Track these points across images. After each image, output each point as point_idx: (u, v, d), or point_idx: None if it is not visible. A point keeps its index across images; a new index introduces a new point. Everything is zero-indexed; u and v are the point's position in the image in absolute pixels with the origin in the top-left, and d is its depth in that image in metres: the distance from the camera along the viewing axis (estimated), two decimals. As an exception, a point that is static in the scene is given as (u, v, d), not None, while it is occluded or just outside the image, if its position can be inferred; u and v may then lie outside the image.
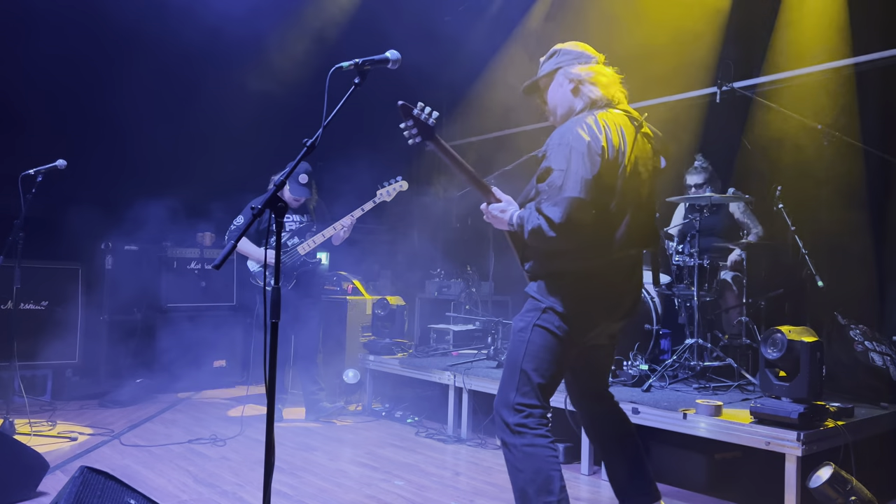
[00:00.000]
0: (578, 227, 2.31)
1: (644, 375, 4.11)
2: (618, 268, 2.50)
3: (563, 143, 2.39)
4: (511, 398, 2.45)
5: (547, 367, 2.45)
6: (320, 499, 3.40)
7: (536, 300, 2.49)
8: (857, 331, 4.05)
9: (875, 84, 4.73)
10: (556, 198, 2.31)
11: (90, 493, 2.37)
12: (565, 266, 2.44)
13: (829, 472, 2.91)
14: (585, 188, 2.30)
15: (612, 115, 2.51)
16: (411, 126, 2.45)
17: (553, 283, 2.47)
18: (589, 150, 2.34)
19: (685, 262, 4.36)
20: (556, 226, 2.29)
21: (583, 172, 2.31)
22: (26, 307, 5.35)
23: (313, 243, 4.92)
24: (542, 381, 2.45)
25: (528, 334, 2.46)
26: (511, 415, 2.43)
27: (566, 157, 2.35)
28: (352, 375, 5.45)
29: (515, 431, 2.42)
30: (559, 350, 2.46)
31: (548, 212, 2.31)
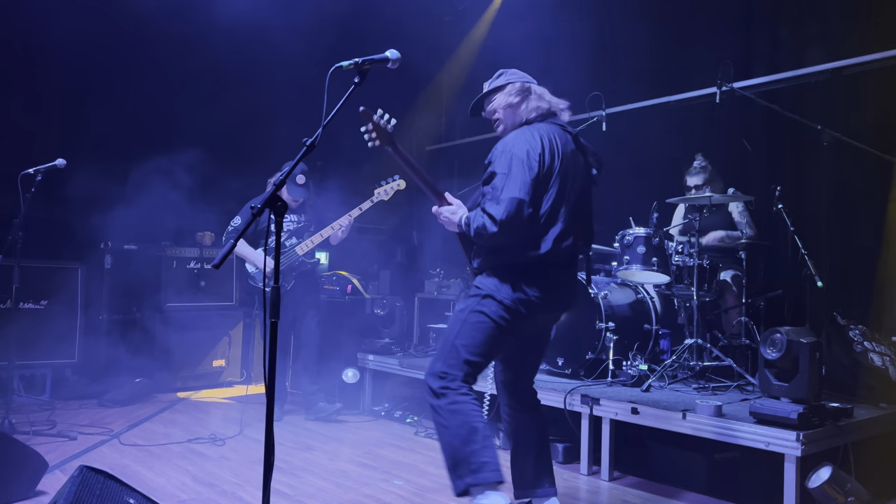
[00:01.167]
0: (517, 224, 2.60)
1: (643, 375, 4.11)
2: (553, 262, 2.76)
3: (505, 150, 2.70)
4: (438, 367, 2.72)
5: (476, 347, 2.71)
6: (319, 498, 3.40)
7: (478, 288, 2.78)
8: (856, 331, 4.05)
9: (875, 84, 4.72)
10: (499, 197, 2.61)
11: (89, 492, 2.36)
12: (505, 260, 2.73)
13: (828, 472, 2.91)
14: (524, 189, 2.62)
15: (550, 127, 2.84)
16: (371, 130, 2.77)
17: (494, 274, 2.75)
18: (528, 156, 2.67)
19: (685, 262, 4.36)
20: (498, 222, 2.59)
21: (522, 176, 2.63)
22: (25, 306, 5.35)
23: (311, 243, 4.91)
24: (470, 357, 2.71)
25: (465, 315, 2.75)
26: (435, 380, 2.70)
27: (508, 163, 2.66)
28: (351, 375, 5.45)
29: (439, 394, 2.68)
30: (492, 334, 2.72)
31: (491, 210, 2.61)
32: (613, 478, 3.81)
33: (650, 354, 4.46)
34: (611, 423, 3.80)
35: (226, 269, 6.34)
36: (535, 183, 2.65)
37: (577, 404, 3.93)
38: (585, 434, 3.91)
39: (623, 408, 3.71)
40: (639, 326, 4.51)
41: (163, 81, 6.11)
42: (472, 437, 2.61)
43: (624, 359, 4.29)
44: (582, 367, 4.43)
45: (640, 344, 4.45)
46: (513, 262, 2.73)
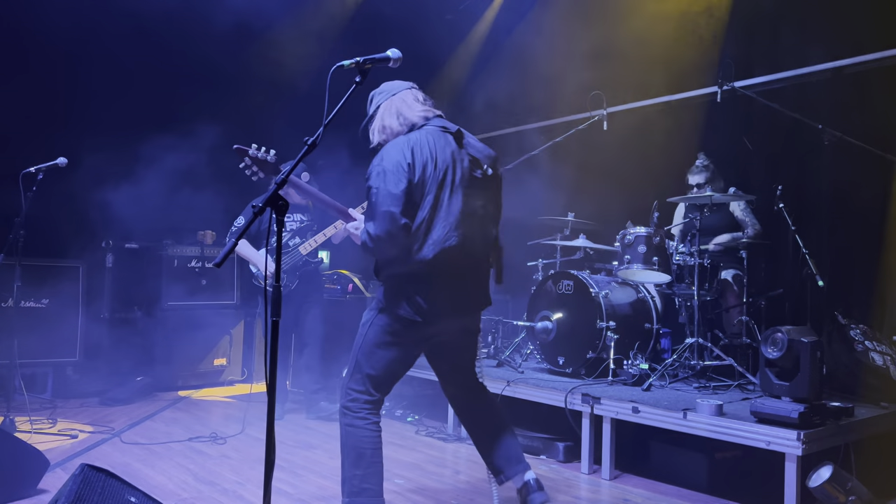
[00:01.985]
0: (392, 236, 2.62)
1: (644, 374, 4.11)
2: (440, 268, 2.72)
3: (377, 164, 2.70)
4: (345, 381, 2.86)
5: (377, 361, 2.80)
6: (321, 497, 3.41)
7: (378, 300, 2.83)
8: (857, 330, 4.06)
9: (876, 84, 4.72)
10: (373, 213, 2.65)
11: (90, 490, 2.37)
12: (393, 271, 2.76)
13: (829, 471, 2.91)
14: (393, 201, 2.62)
15: (424, 133, 2.79)
16: (250, 164, 2.85)
17: (387, 286, 2.79)
18: (397, 168, 2.65)
19: (686, 261, 4.36)
20: (374, 238, 2.63)
21: (391, 188, 2.63)
22: (27, 305, 5.35)
23: (315, 243, 4.91)
24: (373, 372, 2.81)
25: (366, 329, 2.83)
26: (343, 396, 2.85)
27: (379, 177, 2.66)
28: (352, 374, 5.45)
29: (342, 411, 2.84)
30: (392, 348, 2.80)
31: (368, 227, 2.66)
32: (614, 477, 3.81)
33: (651, 353, 4.46)
34: (612, 422, 3.80)
35: (227, 267, 6.34)
36: (406, 193, 2.64)
37: (578, 403, 3.93)
38: (586, 433, 3.91)
39: (624, 407, 3.71)
40: (640, 326, 4.51)
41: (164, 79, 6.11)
42: (359, 461, 2.77)
43: (625, 358, 4.30)
44: (583, 366, 4.43)
45: (641, 343, 4.45)
46: (399, 272, 2.74)
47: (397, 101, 2.89)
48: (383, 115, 2.89)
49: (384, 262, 2.78)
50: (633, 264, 4.36)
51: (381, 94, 2.94)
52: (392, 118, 2.87)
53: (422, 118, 2.86)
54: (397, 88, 2.94)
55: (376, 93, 2.96)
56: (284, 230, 4.84)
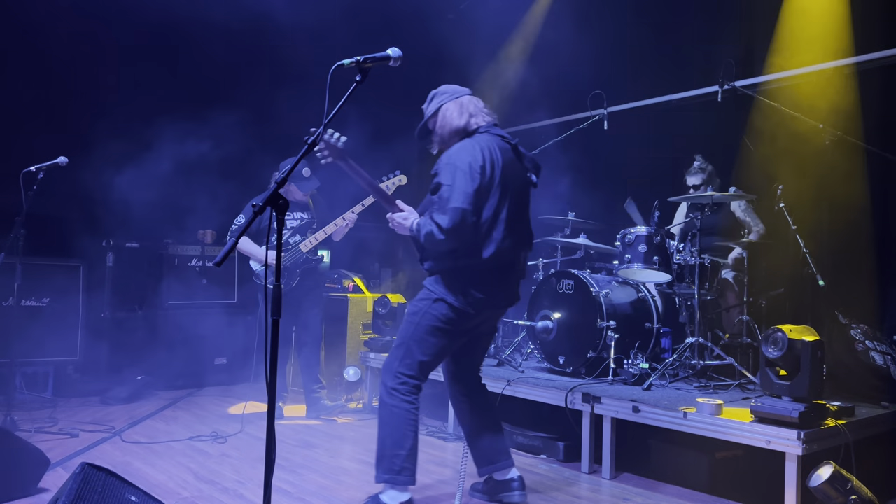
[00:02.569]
0: (461, 231, 2.84)
1: (644, 374, 4.11)
2: (496, 264, 3.00)
3: (449, 163, 2.92)
4: (395, 366, 3.01)
5: (429, 348, 3.00)
6: (321, 496, 3.41)
7: (430, 291, 3.02)
8: (857, 330, 4.05)
9: (877, 83, 4.72)
10: (445, 207, 2.84)
11: (91, 489, 2.37)
12: (453, 264, 2.97)
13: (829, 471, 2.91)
14: (467, 199, 2.84)
15: (489, 138, 3.05)
16: (322, 149, 3.04)
17: (444, 278, 3.00)
18: (470, 168, 2.89)
19: (686, 260, 4.36)
20: (444, 230, 2.82)
21: (465, 187, 2.85)
22: (28, 304, 5.35)
23: (315, 240, 4.92)
24: (424, 358, 3.01)
25: (418, 318, 3.01)
26: (390, 379, 2.99)
27: (452, 175, 2.88)
28: (353, 373, 5.46)
29: (390, 393, 2.98)
30: (443, 336, 3.01)
31: (437, 219, 2.84)
32: (614, 476, 3.81)
33: (651, 353, 4.46)
34: (612, 422, 3.80)
35: (227, 267, 6.35)
36: (477, 193, 2.88)
37: (579, 403, 3.93)
38: (587, 432, 3.91)
39: (624, 406, 3.71)
40: (640, 325, 4.51)
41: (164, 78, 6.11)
42: (403, 441, 2.94)
43: (625, 357, 4.29)
44: (583, 366, 4.43)
45: (642, 342, 4.45)
46: (460, 265, 2.96)
47: (464, 103, 3.12)
48: (447, 115, 3.10)
49: (442, 254, 2.96)
50: (633, 264, 4.36)
51: (444, 95, 3.14)
52: (458, 119, 3.09)
53: (484, 123, 3.11)
54: (460, 91, 3.16)
55: (438, 93, 3.17)
56: (285, 228, 4.85)
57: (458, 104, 3.12)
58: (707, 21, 5.60)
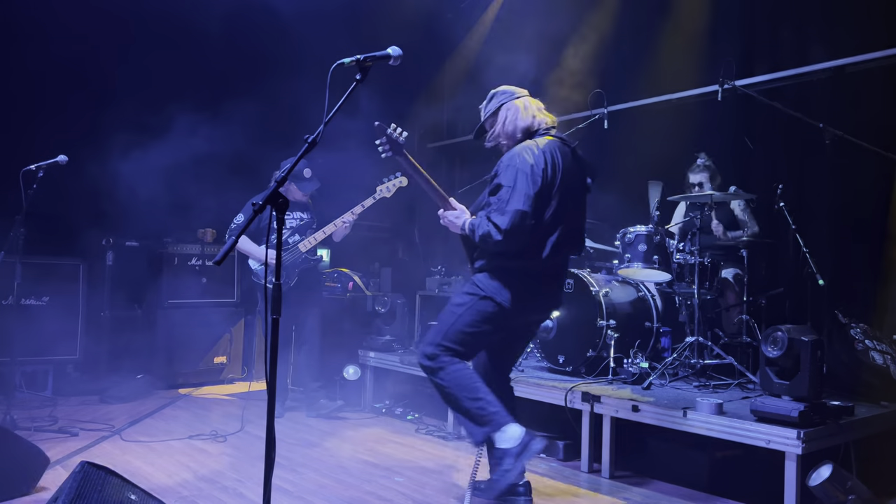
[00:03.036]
0: (519, 234, 2.86)
1: (644, 373, 4.11)
2: (549, 269, 3.06)
3: (511, 165, 2.94)
4: (429, 349, 3.02)
5: (468, 340, 3.02)
6: (320, 495, 3.41)
7: (479, 287, 3.03)
8: (857, 329, 4.05)
9: (878, 82, 4.72)
10: (504, 209, 2.86)
11: (91, 488, 2.37)
12: (506, 264, 2.99)
13: (828, 470, 2.91)
14: (527, 202, 2.86)
15: (550, 141, 3.06)
16: (384, 143, 3.07)
17: (496, 277, 3.01)
18: (532, 171, 2.90)
19: (686, 260, 4.35)
20: (503, 231, 2.84)
21: (526, 189, 2.87)
22: (27, 302, 5.35)
23: (314, 240, 4.92)
24: (459, 347, 3.02)
25: (463, 309, 3.02)
26: (427, 359, 3.01)
27: (513, 177, 2.89)
28: (352, 372, 5.46)
29: (435, 368, 2.98)
30: (484, 332, 3.03)
31: (496, 220, 2.86)
32: (614, 475, 3.81)
33: (651, 352, 4.46)
34: (611, 421, 3.80)
35: (227, 266, 6.34)
36: (537, 196, 2.89)
37: (578, 402, 3.93)
38: (586, 432, 3.91)
39: (624, 405, 3.71)
40: (640, 324, 4.51)
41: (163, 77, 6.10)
42: (475, 393, 2.93)
43: (625, 356, 4.29)
44: (583, 365, 4.43)
45: (641, 342, 4.44)
46: (513, 266, 2.99)
47: (526, 104, 3.14)
48: (509, 115, 3.12)
49: (498, 254, 2.98)
50: (633, 263, 4.36)
51: (504, 94, 3.16)
52: (520, 119, 3.11)
53: (544, 125, 3.13)
54: (519, 92, 3.19)
55: (497, 92, 3.19)
56: (284, 227, 4.84)
57: (521, 104, 3.13)
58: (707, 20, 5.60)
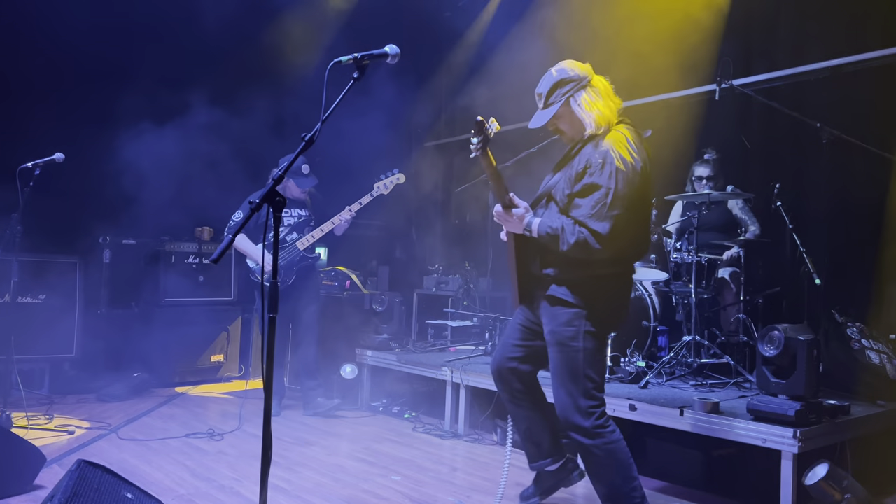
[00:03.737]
0: (621, 240, 2.60)
1: (641, 372, 4.11)
2: (632, 272, 2.89)
3: (608, 161, 2.61)
4: (582, 404, 2.70)
5: (601, 366, 2.78)
6: (317, 493, 3.41)
7: (572, 304, 2.71)
8: (854, 329, 4.06)
9: (875, 82, 4.72)
10: (604, 213, 2.58)
11: (87, 486, 2.37)
12: (601, 270, 2.69)
13: (825, 469, 2.92)
14: (628, 205, 2.59)
15: (635, 133, 2.75)
16: (480, 141, 2.71)
17: (589, 285, 2.71)
18: (633, 170, 2.62)
19: (683, 259, 4.36)
20: (603, 238, 2.57)
21: (627, 190, 2.59)
22: (24, 300, 5.34)
23: (312, 238, 4.91)
24: (600, 380, 2.75)
25: (581, 343, 2.70)
26: (585, 419, 2.69)
27: (612, 176, 2.59)
28: (349, 371, 5.45)
29: (594, 434, 2.69)
30: (603, 347, 2.81)
31: (595, 226, 2.58)
32: (611, 474, 3.81)
33: (648, 351, 4.46)
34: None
35: (224, 264, 6.34)
36: (638, 197, 2.63)
37: (575, 401, 3.92)
38: (583, 430, 3.91)
39: (621, 404, 3.72)
40: (637, 323, 4.51)
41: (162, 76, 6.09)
42: (630, 473, 2.70)
43: (622, 355, 4.30)
44: (580, 364, 4.42)
45: (638, 341, 4.45)
46: (605, 273, 2.71)
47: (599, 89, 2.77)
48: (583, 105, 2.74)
49: (586, 262, 2.67)
50: (630, 262, 4.36)
51: (572, 84, 2.76)
52: (601, 109, 2.74)
53: (620, 112, 2.81)
54: (585, 75, 2.78)
55: (564, 78, 2.77)
56: (282, 225, 4.84)
57: (593, 90, 2.76)
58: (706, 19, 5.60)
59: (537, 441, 3.12)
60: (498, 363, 3.10)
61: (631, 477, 2.69)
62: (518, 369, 3.06)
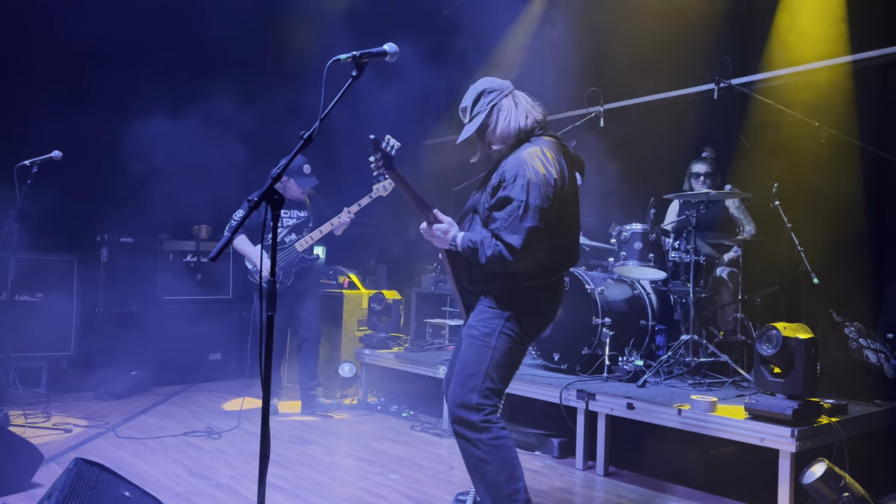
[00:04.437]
0: (534, 251, 2.57)
1: (639, 371, 4.11)
2: (559, 281, 2.84)
3: (520, 174, 2.60)
4: (473, 399, 2.64)
5: (507, 370, 2.72)
6: (315, 492, 3.41)
7: (497, 309, 2.71)
8: (851, 328, 4.07)
9: (873, 81, 4.73)
10: (516, 226, 2.56)
11: (84, 484, 2.36)
12: (523, 282, 2.69)
13: (822, 468, 2.92)
14: (541, 217, 2.56)
15: (549, 143, 2.75)
16: (378, 158, 2.74)
17: (510, 297, 2.70)
18: (545, 182, 2.59)
19: (681, 258, 4.36)
20: (517, 251, 2.54)
21: (540, 203, 2.56)
22: (21, 298, 5.33)
23: (311, 240, 4.90)
24: (502, 384, 2.72)
25: (493, 340, 2.68)
26: (474, 413, 2.63)
27: (524, 189, 2.57)
28: (347, 369, 5.46)
29: (482, 428, 2.62)
30: (518, 353, 2.75)
31: (508, 239, 2.56)
32: (609, 473, 3.82)
33: (646, 350, 4.46)
34: (606, 419, 3.81)
35: (222, 262, 6.34)
36: (550, 208, 2.59)
37: (573, 399, 3.93)
38: (581, 429, 3.92)
39: (619, 403, 3.72)
40: (635, 322, 4.51)
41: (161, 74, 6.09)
42: (514, 473, 2.61)
43: (620, 354, 4.30)
44: (578, 363, 4.44)
45: (637, 340, 4.45)
46: (530, 285, 2.70)
47: (519, 100, 2.79)
48: (502, 115, 2.75)
49: (507, 274, 2.65)
50: (628, 261, 4.37)
51: (494, 93, 2.77)
52: (520, 119, 2.75)
53: (539, 124, 2.80)
54: (508, 87, 2.81)
55: (486, 89, 2.78)
56: (281, 226, 4.84)
57: (514, 101, 2.77)
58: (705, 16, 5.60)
59: None
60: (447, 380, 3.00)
61: (515, 478, 2.60)
62: None
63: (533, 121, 2.77)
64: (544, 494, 3.48)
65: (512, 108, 2.76)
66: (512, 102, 2.77)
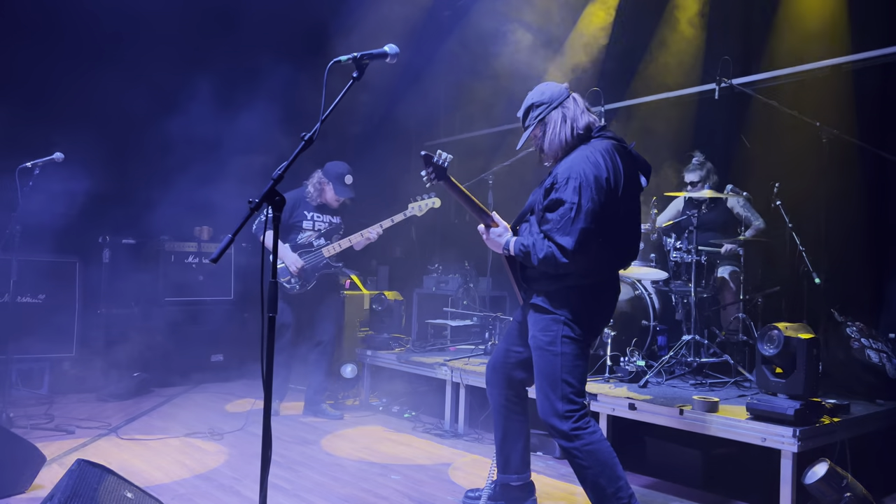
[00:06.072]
0: (586, 253, 2.63)
1: (641, 371, 4.11)
2: (615, 280, 2.90)
3: (572, 176, 2.66)
4: (559, 408, 2.74)
5: (581, 371, 2.78)
6: (317, 493, 3.41)
7: (552, 312, 2.77)
8: (853, 328, 4.06)
9: (873, 81, 4.73)
10: (569, 228, 2.62)
11: (87, 486, 2.37)
12: (577, 281, 2.74)
13: (824, 468, 2.92)
14: (594, 219, 2.62)
15: (606, 145, 2.80)
16: (431, 172, 2.92)
17: (568, 298, 2.76)
18: (596, 183, 2.65)
19: (682, 258, 4.36)
20: (569, 252, 2.61)
21: (592, 205, 2.63)
22: (23, 300, 5.34)
23: (339, 247, 4.86)
24: (580, 385, 2.78)
25: (558, 347, 2.75)
26: (562, 422, 2.73)
27: (576, 191, 2.63)
28: (350, 370, 5.46)
29: (572, 437, 2.71)
30: (584, 353, 2.80)
31: (561, 241, 2.62)
32: (610, 473, 3.81)
33: (648, 350, 4.46)
34: (608, 419, 3.81)
35: (224, 263, 6.34)
36: (602, 209, 2.65)
37: (575, 400, 3.93)
38: (583, 429, 3.91)
39: (620, 403, 3.72)
40: (636, 322, 4.51)
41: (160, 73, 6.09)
42: (615, 472, 2.69)
43: (622, 355, 4.30)
44: (580, 363, 4.42)
45: (638, 340, 4.45)
46: (582, 284, 2.75)
47: (570, 108, 2.84)
48: (556, 125, 2.82)
49: (562, 275, 2.72)
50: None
51: (542, 106, 2.85)
52: (565, 129, 2.81)
53: (596, 126, 2.86)
54: (560, 95, 2.86)
55: (535, 102, 2.88)
56: (311, 230, 4.86)
57: (562, 114, 2.82)
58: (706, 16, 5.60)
59: (507, 454, 3.15)
60: (493, 366, 3.18)
61: (616, 477, 2.68)
62: (511, 375, 3.13)
63: (583, 127, 2.82)
64: (546, 495, 3.48)
65: (559, 122, 2.82)
66: (560, 115, 2.83)
